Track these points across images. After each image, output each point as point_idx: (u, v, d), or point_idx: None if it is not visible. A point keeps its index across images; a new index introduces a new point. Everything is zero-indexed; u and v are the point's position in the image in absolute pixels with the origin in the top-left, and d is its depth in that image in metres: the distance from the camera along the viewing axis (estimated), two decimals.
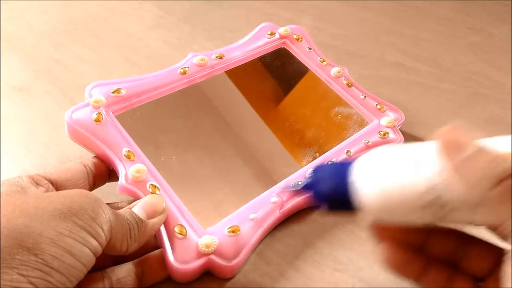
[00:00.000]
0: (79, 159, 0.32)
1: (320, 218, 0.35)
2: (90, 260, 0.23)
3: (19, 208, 0.22)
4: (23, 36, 0.51)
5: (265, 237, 0.33)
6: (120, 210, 0.27)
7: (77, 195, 0.24)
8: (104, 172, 0.33)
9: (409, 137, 0.43)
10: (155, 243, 0.30)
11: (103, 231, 0.24)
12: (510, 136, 0.21)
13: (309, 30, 0.59)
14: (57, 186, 0.30)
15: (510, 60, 0.56)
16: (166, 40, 0.53)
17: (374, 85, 0.49)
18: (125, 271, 0.28)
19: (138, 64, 0.49)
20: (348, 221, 0.35)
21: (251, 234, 0.30)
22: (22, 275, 0.20)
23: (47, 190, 0.28)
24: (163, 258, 0.29)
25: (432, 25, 0.62)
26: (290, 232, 0.33)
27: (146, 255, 0.29)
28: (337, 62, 0.53)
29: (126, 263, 0.29)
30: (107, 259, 0.29)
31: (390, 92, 0.49)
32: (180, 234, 0.29)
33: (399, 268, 0.24)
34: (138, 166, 0.31)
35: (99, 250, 0.24)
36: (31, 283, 0.20)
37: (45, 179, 0.29)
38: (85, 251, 0.23)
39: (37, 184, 0.28)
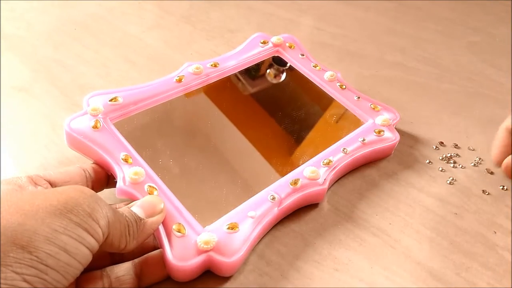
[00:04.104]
0: (78, 162, 0.33)
1: (319, 218, 0.35)
2: (86, 257, 0.23)
3: (14, 205, 0.22)
4: (23, 36, 0.51)
5: (264, 236, 0.33)
6: (119, 208, 0.27)
7: (72, 191, 0.24)
8: (103, 178, 0.33)
9: (409, 137, 0.43)
10: (154, 244, 0.30)
11: (99, 226, 0.24)
12: None
13: (309, 30, 0.59)
14: (55, 187, 0.29)
15: (510, 60, 0.56)
16: (166, 40, 0.53)
17: (374, 85, 0.50)
18: (124, 270, 0.28)
19: (138, 64, 0.49)
20: (348, 221, 0.35)
21: (250, 230, 0.30)
22: (17, 273, 0.20)
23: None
24: (162, 258, 0.29)
25: (432, 25, 0.62)
26: (290, 232, 0.34)
27: (145, 255, 0.29)
28: (337, 62, 0.53)
29: (125, 262, 0.29)
30: (106, 259, 0.29)
31: (390, 92, 0.49)
32: (179, 232, 0.29)
33: None
34: (135, 168, 0.31)
35: (96, 246, 0.24)
36: (25, 281, 0.20)
37: (44, 179, 0.29)
38: (81, 248, 0.23)
39: (35, 184, 0.28)
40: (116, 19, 0.56)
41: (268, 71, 0.46)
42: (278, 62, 0.47)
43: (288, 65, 0.46)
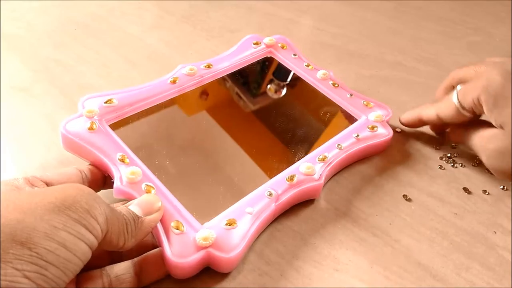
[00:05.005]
0: (77, 162, 0.33)
1: (319, 218, 0.35)
2: (86, 253, 0.23)
3: (12, 203, 0.22)
4: (23, 36, 0.51)
5: (264, 235, 0.33)
6: (117, 207, 0.27)
7: (70, 188, 0.24)
8: (99, 179, 0.33)
9: (409, 136, 0.43)
10: (153, 242, 0.30)
11: (98, 223, 0.24)
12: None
13: (309, 30, 0.59)
14: None
15: None
16: (166, 40, 0.53)
17: (374, 85, 0.50)
18: (123, 269, 0.28)
19: (138, 64, 0.49)
20: (348, 221, 0.35)
21: (248, 226, 0.30)
22: (17, 269, 0.20)
23: None
24: (161, 256, 0.29)
25: (432, 25, 0.62)
26: (290, 232, 0.34)
27: (144, 254, 0.29)
28: (337, 62, 0.53)
29: (124, 261, 0.29)
30: (105, 258, 0.29)
31: (390, 92, 0.49)
32: (177, 229, 0.29)
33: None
34: (132, 168, 0.31)
35: (95, 243, 0.24)
36: (26, 277, 0.20)
37: (41, 181, 0.29)
38: (80, 244, 0.23)
39: (32, 185, 0.28)
40: (116, 19, 0.56)
41: (268, 86, 0.46)
42: (278, 77, 0.47)
43: (289, 79, 0.46)
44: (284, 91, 0.46)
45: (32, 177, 0.29)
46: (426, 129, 0.44)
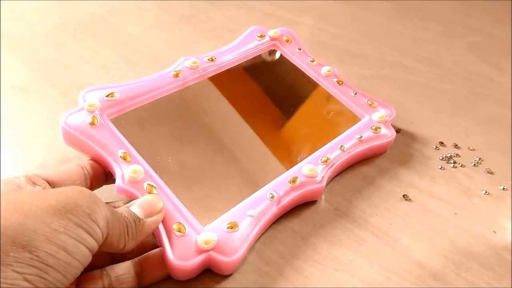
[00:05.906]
0: (77, 161, 0.32)
1: (319, 218, 0.35)
2: (86, 257, 0.23)
3: (13, 205, 0.22)
4: (23, 36, 0.51)
5: (264, 235, 0.33)
6: (118, 208, 0.27)
7: (71, 191, 0.24)
8: (101, 174, 0.33)
9: (409, 137, 0.43)
10: (154, 242, 0.30)
11: (99, 227, 0.24)
12: None
13: (309, 30, 0.59)
14: (54, 186, 0.29)
15: (510, 60, 0.56)
16: (166, 40, 0.53)
17: (374, 85, 0.50)
18: (124, 269, 0.28)
19: (138, 64, 0.49)
20: (348, 221, 0.35)
21: (249, 229, 0.30)
22: (17, 272, 0.20)
23: (44, 189, 0.28)
24: (162, 257, 0.29)
25: (432, 25, 0.62)
26: (290, 232, 0.34)
27: (145, 254, 0.29)
28: (337, 62, 0.53)
29: (125, 262, 0.29)
30: (105, 258, 0.29)
31: (390, 92, 0.49)
32: (179, 231, 0.29)
33: None
34: (134, 166, 0.31)
35: (95, 246, 0.24)
36: (26, 280, 0.20)
37: (42, 179, 0.29)
38: (81, 248, 0.23)
39: (34, 183, 0.28)
40: (116, 19, 0.56)
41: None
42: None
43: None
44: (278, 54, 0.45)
45: (33, 175, 0.29)
46: (427, 130, 0.44)
